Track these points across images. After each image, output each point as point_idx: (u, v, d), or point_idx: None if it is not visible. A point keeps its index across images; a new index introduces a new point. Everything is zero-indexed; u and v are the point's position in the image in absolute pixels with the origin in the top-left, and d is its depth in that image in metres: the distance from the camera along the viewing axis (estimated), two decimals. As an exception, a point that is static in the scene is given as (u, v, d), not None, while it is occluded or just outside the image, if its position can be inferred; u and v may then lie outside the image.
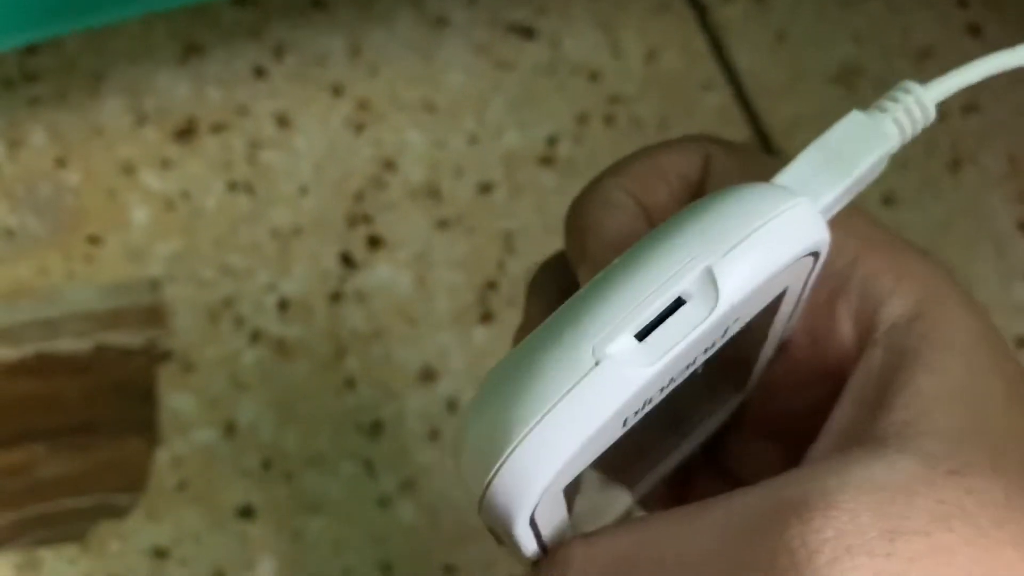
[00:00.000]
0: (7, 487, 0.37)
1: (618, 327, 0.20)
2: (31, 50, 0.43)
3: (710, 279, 0.20)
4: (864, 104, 0.23)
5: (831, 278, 0.25)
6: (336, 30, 0.44)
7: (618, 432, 0.21)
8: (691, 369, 0.21)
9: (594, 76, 0.44)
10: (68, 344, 0.39)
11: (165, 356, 0.39)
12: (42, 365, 0.39)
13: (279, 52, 0.44)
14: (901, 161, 0.43)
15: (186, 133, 0.42)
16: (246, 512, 0.37)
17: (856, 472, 0.21)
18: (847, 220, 0.25)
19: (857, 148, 0.23)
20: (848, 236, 0.25)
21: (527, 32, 0.44)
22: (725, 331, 0.21)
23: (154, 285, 0.40)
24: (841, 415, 0.24)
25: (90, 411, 0.38)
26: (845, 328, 0.25)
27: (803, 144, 0.22)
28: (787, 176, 0.22)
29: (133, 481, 0.37)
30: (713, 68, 0.44)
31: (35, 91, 0.42)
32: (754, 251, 0.20)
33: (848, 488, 0.21)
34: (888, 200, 0.42)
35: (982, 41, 0.45)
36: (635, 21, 0.45)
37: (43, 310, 0.39)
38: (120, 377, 0.39)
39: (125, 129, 0.42)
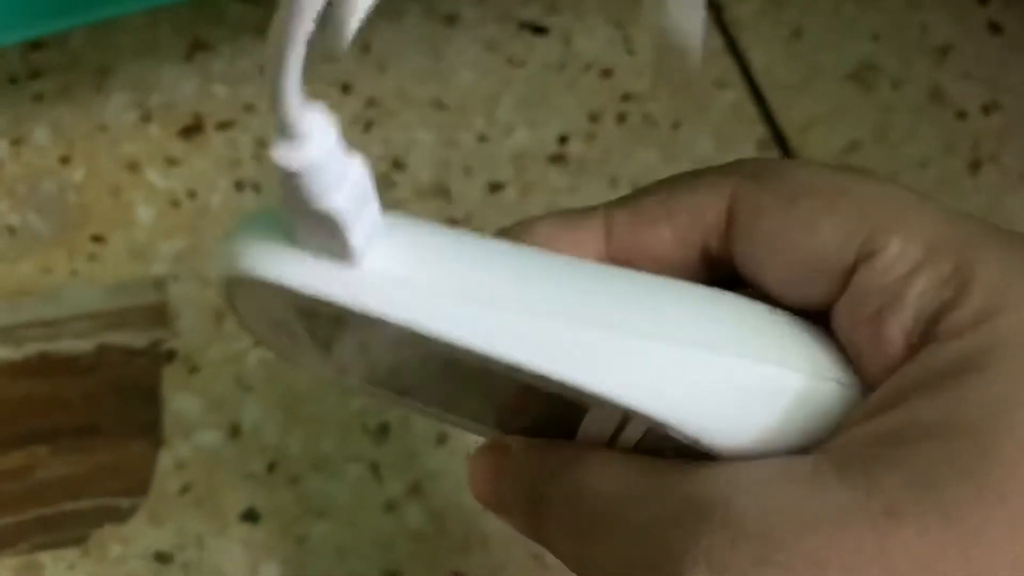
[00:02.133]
0: (7, 490, 0.37)
1: None
2: (35, 45, 0.42)
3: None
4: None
5: (881, 292, 0.22)
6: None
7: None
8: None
9: (606, 73, 0.43)
10: (71, 344, 0.39)
11: (169, 357, 0.39)
12: (44, 366, 0.38)
13: (286, 49, 0.43)
14: (920, 161, 0.43)
15: (192, 130, 0.42)
16: (250, 516, 0.37)
17: (789, 494, 0.21)
18: (914, 215, 0.23)
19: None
20: (908, 240, 0.22)
21: (538, 29, 0.44)
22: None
23: (158, 284, 0.40)
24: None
25: (92, 413, 0.38)
26: (894, 349, 0.22)
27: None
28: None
29: (135, 484, 0.37)
30: (728, 65, 0.44)
31: (39, 87, 0.42)
32: None
33: (769, 514, 0.20)
34: (906, 200, 0.42)
35: (1002, 39, 0.44)
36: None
37: (45, 310, 0.39)
38: (123, 378, 0.38)
39: (130, 126, 0.42)
